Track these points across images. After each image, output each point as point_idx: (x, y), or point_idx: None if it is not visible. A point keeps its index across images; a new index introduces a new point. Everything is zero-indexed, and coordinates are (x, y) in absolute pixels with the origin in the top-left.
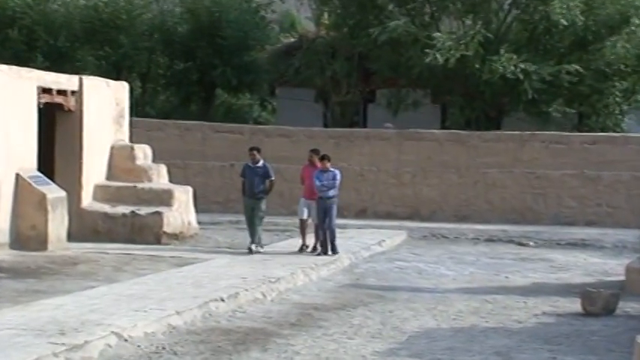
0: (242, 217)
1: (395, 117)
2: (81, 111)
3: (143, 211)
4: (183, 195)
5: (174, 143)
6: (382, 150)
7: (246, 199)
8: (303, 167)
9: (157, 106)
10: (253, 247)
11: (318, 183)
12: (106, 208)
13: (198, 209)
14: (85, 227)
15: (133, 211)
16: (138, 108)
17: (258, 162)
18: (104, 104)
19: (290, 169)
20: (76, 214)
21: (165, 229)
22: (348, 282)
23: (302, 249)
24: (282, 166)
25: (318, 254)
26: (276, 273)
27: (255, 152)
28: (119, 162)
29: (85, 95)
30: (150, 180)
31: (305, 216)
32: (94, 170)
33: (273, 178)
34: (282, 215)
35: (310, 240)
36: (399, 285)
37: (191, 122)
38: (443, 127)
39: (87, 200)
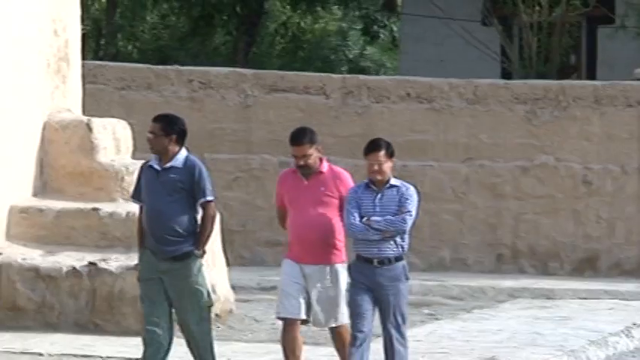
0: None
1: None
2: None
3: (114, 263)
4: None
5: (180, 116)
6: (633, 127)
7: (146, 260)
8: (280, 176)
9: (143, 36)
10: None
11: (353, 220)
12: (36, 257)
13: (232, 258)
14: None
15: (92, 264)
16: (101, 41)
17: (171, 157)
18: (26, 31)
19: (426, 172)
20: None
21: None
22: None
23: None
24: (411, 166)
25: None
26: None
27: (159, 129)
28: (62, 156)
29: None
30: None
31: (298, 309)
32: (6, 174)
33: (210, 199)
34: (417, 271)
35: None
36: None
37: (217, 70)
38: None
39: None
